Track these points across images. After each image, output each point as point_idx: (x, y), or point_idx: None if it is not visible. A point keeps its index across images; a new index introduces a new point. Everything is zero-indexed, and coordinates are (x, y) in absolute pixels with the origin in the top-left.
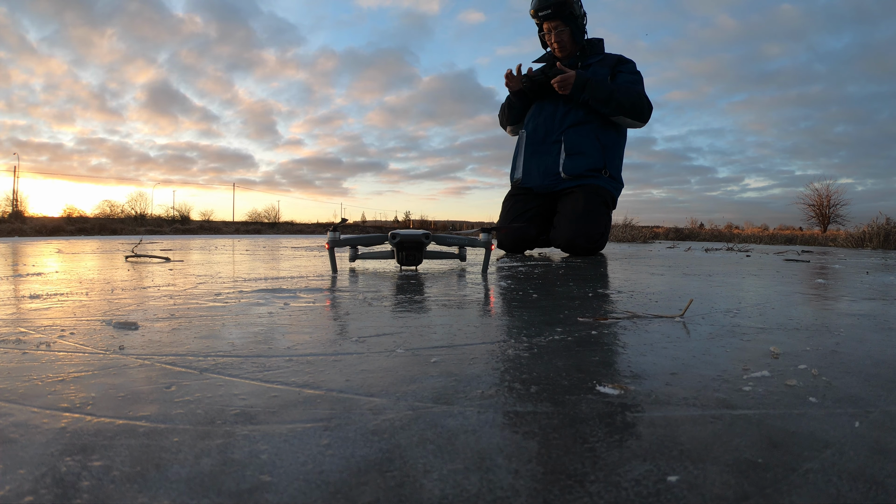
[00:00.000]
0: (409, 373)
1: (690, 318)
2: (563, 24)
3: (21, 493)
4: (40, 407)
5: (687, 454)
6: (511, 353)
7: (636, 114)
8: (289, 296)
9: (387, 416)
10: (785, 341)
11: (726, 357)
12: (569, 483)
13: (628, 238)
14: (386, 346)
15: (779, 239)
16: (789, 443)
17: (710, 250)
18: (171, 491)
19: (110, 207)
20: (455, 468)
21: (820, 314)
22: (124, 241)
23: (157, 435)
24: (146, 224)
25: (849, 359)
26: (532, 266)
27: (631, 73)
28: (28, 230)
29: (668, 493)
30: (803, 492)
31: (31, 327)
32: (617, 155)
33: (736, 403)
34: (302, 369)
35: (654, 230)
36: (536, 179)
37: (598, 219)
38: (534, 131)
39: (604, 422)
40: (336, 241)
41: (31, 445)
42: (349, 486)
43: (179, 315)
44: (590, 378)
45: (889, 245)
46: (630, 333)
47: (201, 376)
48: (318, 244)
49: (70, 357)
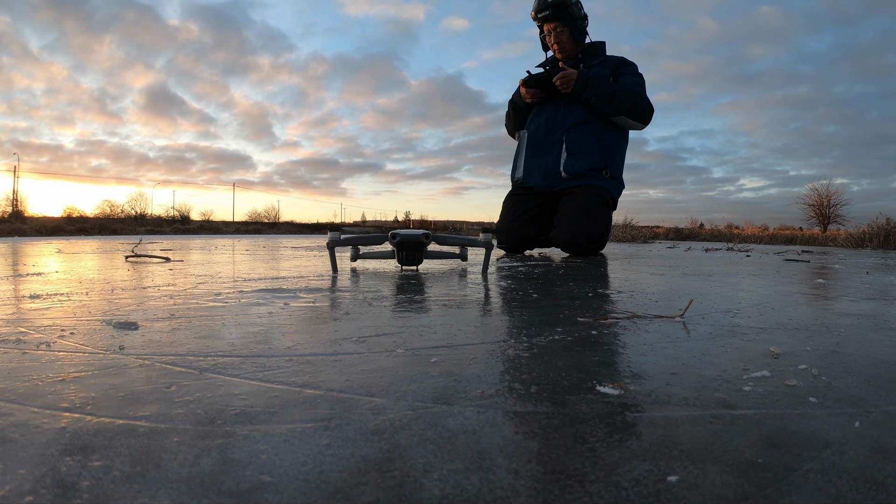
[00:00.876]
0: (409, 373)
1: (690, 318)
2: (563, 25)
3: (21, 493)
4: (40, 407)
5: (687, 454)
6: (511, 353)
7: (638, 114)
8: (289, 296)
9: (387, 416)
10: (785, 341)
11: (726, 357)
12: (569, 483)
13: (628, 238)
14: (386, 346)
15: (779, 239)
16: (789, 443)
17: (710, 250)
18: (171, 491)
19: (110, 207)
20: (455, 468)
21: (820, 314)
22: (124, 241)
23: (157, 435)
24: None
25: (849, 359)
26: (532, 266)
27: (633, 75)
28: (28, 230)
29: (668, 493)
30: (803, 492)
31: (31, 327)
32: (618, 155)
33: (736, 403)
34: (302, 369)
35: (654, 230)
36: (537, 179)
37: (598, 219)
38: (535, 131)
39: (604, 422)
40: (336, 241)
41: (31, 445)
42: (349, 486)
43: (179, 315)
44: (590, 378)
45: (889, 245)
46: (630, 333)
47: (201, 376)
48: (318, 244)
49: (70, 357)
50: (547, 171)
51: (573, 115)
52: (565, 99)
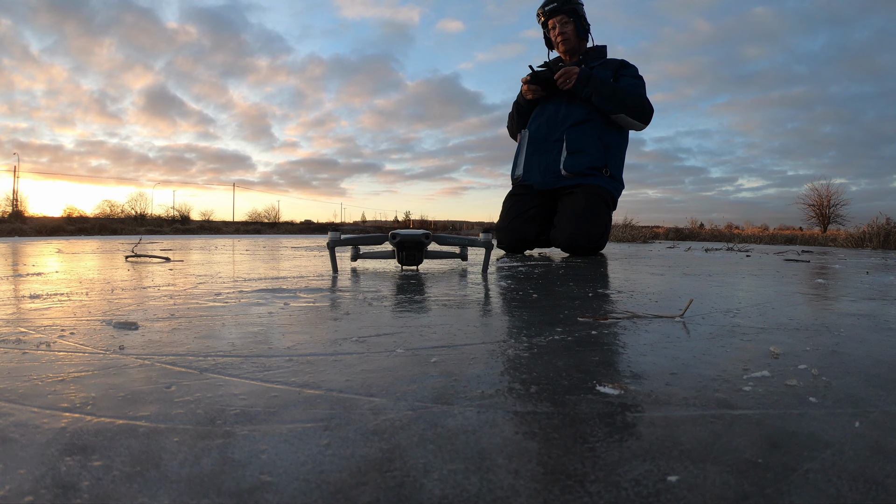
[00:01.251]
0: (409, 373)
1: (690, 318)
2: (567, 17)
3: (21, 493)
4: (40, 407)
5: (687, 454)
6: (511, 353)
7: (638, 113)
8: (289, 296)
9: (387, 416)
10: (785, 341)
11: (726, 357)
12: (569, 483)
13: (628, 238)
14: (386, 346)
15: (779, 239)
16: (789, 443)
17: (710, 250)
18: (171, 491)
19: (110, 207)
20: (455, 468)
21: (820, 314)
22: (124, 241)
23: (157, 435)
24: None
25: (849, 359)
26: (532, 266)
27: (633, 77)
28: (28, 230)
29: (668, 493)
30: (803, 492)
31: (31, 327)
32: (618, 155)
33: (736, 403)
34: (302, 369)
35: (654, 230)
36: (536, 176)
37: (598, 219)
38: (536, 130)
39: (604, 422)
40: (337, 241)
41: (31, 445)
42: (349, 486)
43: (179, 315)
44: (590, 378)
45: (889, 245)
46: (630, 333)
47: (201, 376)
48: (318, 244)
49: (70, 357)
50: (547, 168)
51: (574, 114)
52: (567, 99)
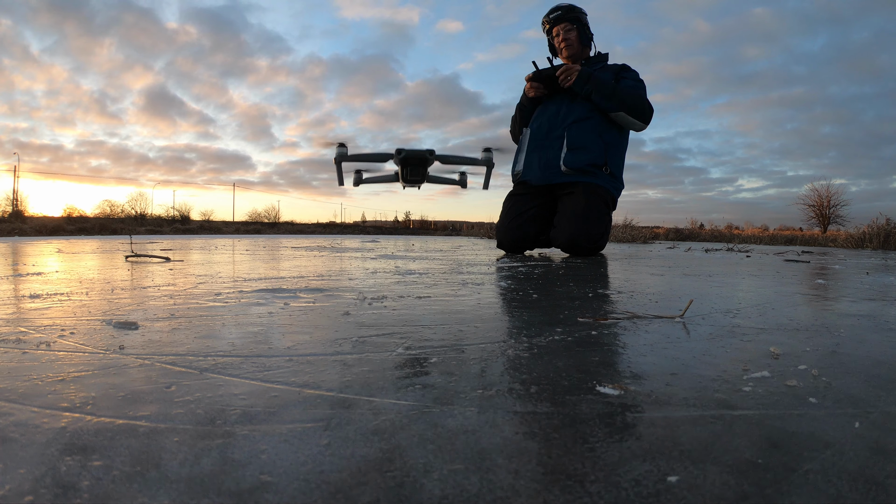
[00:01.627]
0: (410, 373)
1: (690, 318)
2: (571, 25)
3: (21, 492)
4: (40, 407)
5: (687, 454)
6: (511, 353)
7: (638, 112)
8: (289, 296)
9: (387, 416)
10: (785, 342)
11: (726, 357)
12: (569, 483)
13: (628, 238)
14: (386, 346)
15: (779, 239)
16: (789, 443)
17: (711, 251)
18: (171, 491)
19: (110, 207)
20: (455, 468)
21: (820, 315)
22: (124, 241)
23: (158, 435)
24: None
25: (849, 359)
26: (532, 266)
27: (634, 79)
28: (28, 230)
29: (668, 493)
30: (803, 492)
31: (31, 327)
32: (619, 154)
33: (736, 404)
34: (302, 369)
35: (654, 230)
36: (536, 172)
37: (598, 219)
38: (538, 128)
39: (604, 422)
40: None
41: (31, 445)
42: (349, 486)
43: (179, 315)
44: (590, 378)
45: (889, 245)
46: (630, 334)
47: (201, 376)
48: (319, 244)
49: (70, 357)
50: (546, 164)
51: (575, 112)
52: (568, 98)
